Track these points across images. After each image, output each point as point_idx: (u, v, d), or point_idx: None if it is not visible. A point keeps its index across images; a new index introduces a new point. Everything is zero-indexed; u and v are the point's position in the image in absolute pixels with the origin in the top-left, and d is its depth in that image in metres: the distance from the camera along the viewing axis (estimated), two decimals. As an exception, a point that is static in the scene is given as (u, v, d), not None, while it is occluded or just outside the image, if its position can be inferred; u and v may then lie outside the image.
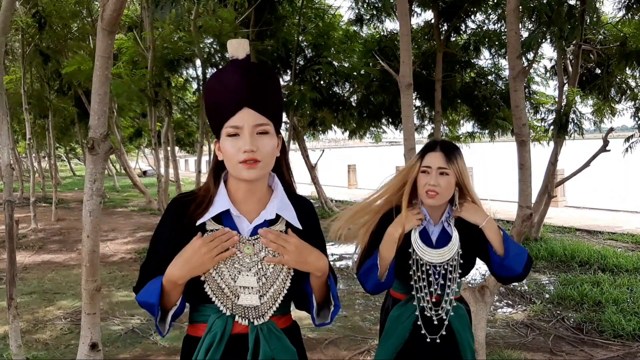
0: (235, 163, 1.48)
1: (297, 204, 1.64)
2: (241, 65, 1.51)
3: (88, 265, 3.17)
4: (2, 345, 4.88)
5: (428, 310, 2.19)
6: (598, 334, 4.96)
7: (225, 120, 1.49)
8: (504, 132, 10.39)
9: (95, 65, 2.97)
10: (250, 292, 1.51)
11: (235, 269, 1.51)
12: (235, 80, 1.48)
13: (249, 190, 1.56)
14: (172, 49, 9.30)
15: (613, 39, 8.10)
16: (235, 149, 1.47)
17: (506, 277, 2.22)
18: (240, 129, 1.47)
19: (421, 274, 2.18)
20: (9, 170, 4.28)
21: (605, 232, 9.96)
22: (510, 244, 2.17)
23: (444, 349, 2.20)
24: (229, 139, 1.49)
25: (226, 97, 1.49)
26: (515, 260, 2.16)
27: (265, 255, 1.53)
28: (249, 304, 1.52)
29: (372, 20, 10.76)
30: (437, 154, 2.14)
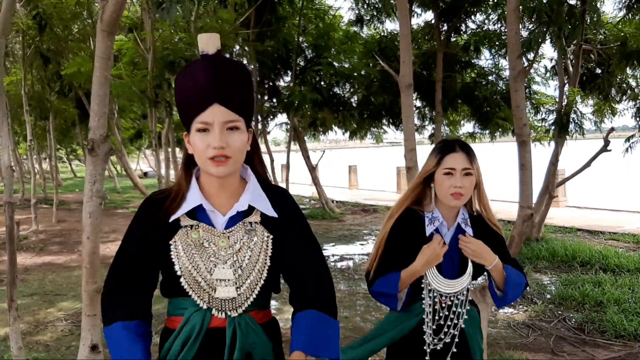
0: (204, 159, 1.48)
1: (272, 194, 1.64)
2: (211, 60, 1.50)
3: (88, 267, 3.17)
4: (3, 347, 4.88)
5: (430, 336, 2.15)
6: (599, 334, 4.95)
7: (195, 115, 1.48)
8: (505, 132, 10.40)
9: (95, 66, 2.97)
10: (227, 284, 1.52)
11: (211, 262, 1.53)
12: (205, 75, 1.47)
13: (221, 184, 1.56)
14: (172, 50, 9.29)
15: (613, 39, 8.10)
16: (204, 145, 1.47)
17: (497, 304, 2.26)
18: (210, 125, 1.46)
19: (429, 299, 2.14)
20: (10, 171, 4.28)
21: (607, 232, 9.94)
22: (509, 288, 2.14)
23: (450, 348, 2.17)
24: (199, 134, 1.48)
25: (196, 93, 1.47)
26: (511, 298, 2.19)
27: (240, 247, 1.54)
28: (226, 296, 1.52)
29: (372, 20, 10.78)
30: (459, 154, 2.09)
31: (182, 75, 1.54)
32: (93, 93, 2.98)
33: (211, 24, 8.88)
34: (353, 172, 22.25)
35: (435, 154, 2.14)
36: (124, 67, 9.60)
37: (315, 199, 16.94)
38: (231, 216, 1.57)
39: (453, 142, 2.15)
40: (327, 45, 11.16)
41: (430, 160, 2.16)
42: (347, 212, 14.63)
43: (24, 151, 23.58)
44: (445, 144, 2.15)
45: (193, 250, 1.53)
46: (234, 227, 1.56)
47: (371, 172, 30.17)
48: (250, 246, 1.54)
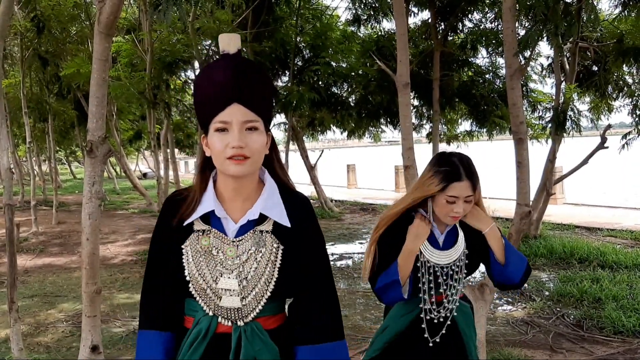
0: (223, 159, 1.46)
1: (291, 200, 1.60)
2: (232, 60, 1.49)
3: (88, 268, 3.19)
4: (4, 348, 4.89)
5: (431, 310, 2.20)
6: (598, 331, 4.97)
7: (214, 115, 1.46)
8: (502, 130, 10.42)
9: (93, 68, 2.99)
10: (232, 294, 1.50)
11: (217, 271, 1.51)
12: (225, 75, 1.45)
13: (237, 187, 1.54)
14: (170, 51, 9.31)
15: (610, 36, 8.12)
16: (223, 145, 1.45)
17: (504, 284, 2.25)
18: (229, 124, 1.44)
19: (428, 275, 2.18)
20: (9, 174, 4.30)
21: (605, 228, 9.97)
22: (511, 253, 2.18)
23: (445, 346, 2.22)
24: (217, 134, 1.46)
25: (216, 92, 1.46)
26: (515, 268, 2.18)
27: (247, 258, 1.51)
28: (231, 305, 1.51)
29: (369, 20, 10.79)
30: (464, 183, 2.09)
31: (202, 75, 1.52)
32: (91, 95, 2.99)
33: (209, 25, 8.90)
34: (352, 171, 22.27)
35: (439, 178, 2.11)
36: (122, 68, 9.61)
37: (314, 198, 16.94)
38: (243, 224, 1.54)
39: (458, 167, 2.10)
40: (325, 45, 11.18)
41: (433, 181, 2.12)
42: (346, 211, 14.65)
43: (23, 153, 23.60)
44: (452, 170, 2.10)
45: (201, 257, 1.52)
46: (244, 235, 1.53)
47: (370, 171, 30.17)
48: (257, 258, 1.51)
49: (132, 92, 9.26)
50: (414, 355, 2.22)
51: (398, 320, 2.25)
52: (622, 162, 23.61)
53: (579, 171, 8.47)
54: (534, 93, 9.78)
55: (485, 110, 10.15)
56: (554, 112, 8.21)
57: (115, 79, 9.16)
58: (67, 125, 17.20)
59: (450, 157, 2.15)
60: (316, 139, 18.03)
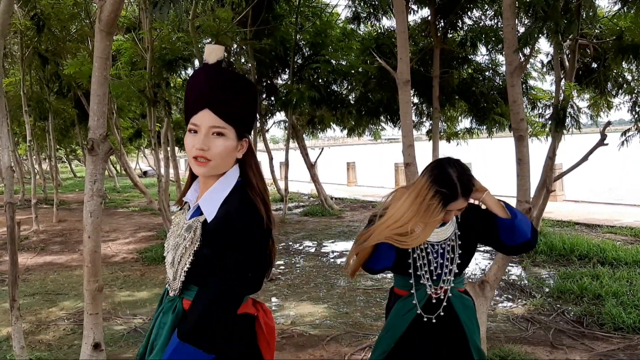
0: (190, 157, 1.65)
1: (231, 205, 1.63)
2: (209, 69, 1.66)
3: (90, 266, 3.20)
4: (6, 346, 4.91)
5: (428, 287, 2.25)
6: (598, 327, 4.98)
7: (189, 117, 1.65)
8: (502, 127, 10.42)
9: (94, 66, 2.99)
10: (170, 267, 1.73)
11: (170, 245, 1.77)
12: (201, 82, 1.64)
13: (204, 182, 1.73)
14: (170, 50, 9.31)
15: (609, 33, 8.11)
16: (190, 145, 1.63)
17: (517, 244, 2.26)
18: (199, 127, 1.63)
19: (420, 252, 2.26)
20: (10, 172, 4.31)
21: (604, 225, 9.99)
22: (513, 208, 2.27)
23: (445, 332, 2.26)
24: (189, 134, 1.65)
25: (193, 97, 1.65)
26: (523, 221, 2.25)
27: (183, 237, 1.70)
28: (169, 276, 1.74)
29: (369, 18, 10.77)
30: (460, 201, 2.15)
31: (189, 80, 1.72)
32: (92, 93, 3.00)
33: (208, 23, 8.90)
34: (351, 168, 22.28)
35: (438, 198, 2.13)
36: (122, 67, 9.61)
37: (314, 196, 16.96)
38: (195, 210, 1.73)
39: (457, 186, 2.13)
40: (325, 43, 11.18)
41: (433, 202, 2.13)
42: (346, 208, 14.66)
43: (23, 152, 23.59)
44: (451, 193, 2.13)
45: (170, 232, 1.80)
46: (191, 219, 1.71)
47: (369, 168, 30.17)
48: (185, 238, 1.68)
49: (133, 91, 9.26)
50: (419, 355, 2.25)
51: (401, 319, 2.27)
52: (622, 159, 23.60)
53: (579, 168, 8.45)
54: (533, 90, 9.77)
55: (485, 107, 10.14)
56: (553, 109, 8.20)
57: (116, 78, 9.16)
58: (67, 124, 17.19)
59: (448, 174, 2.14)
60: (316, 136, 18.05)
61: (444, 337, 2.26)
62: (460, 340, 2.28)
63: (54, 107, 13.88)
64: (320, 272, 7.62)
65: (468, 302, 2.34)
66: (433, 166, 2.22)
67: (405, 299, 2.29)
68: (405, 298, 2.29)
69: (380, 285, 6.74)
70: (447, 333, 2.26)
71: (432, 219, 2.15)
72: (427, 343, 2.26)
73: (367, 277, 7.19)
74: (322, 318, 5.50)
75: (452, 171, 2.15)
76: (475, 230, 2.31)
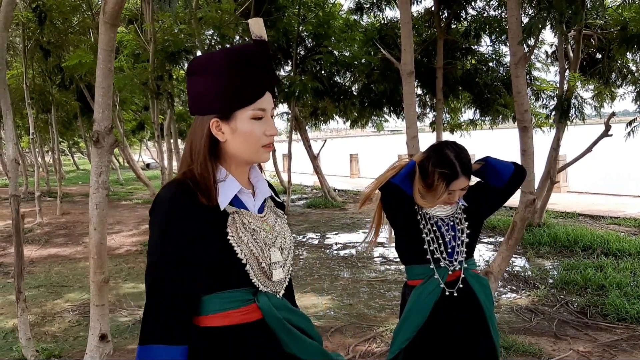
0: (257, 147, 1.46)
1: None
2: (266, 47, 1.48)
3: (96, 258, 3.21)
4: (12, 338, 4.93)
5: (444, 263, 2.30)
6: (602, 318, 4.98)
7: (251, 101, 1.44)
8: (505, 118, 10.41)
9: (99, 58, 2.99)
10: (278, 266, 1.51)
11: (266, 246, 1.49)
12: (262, 61, 1.45)
13: (244, 172, 1.55)
14: (173, 41, 9.30)
15: (614, 24, 8.08)
16: (260, 132, 1.45)
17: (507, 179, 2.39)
18: (265, 112, 1.46)
19: (431, 227, 2.33)
20: (14, 164, 4.32)
21: (608, 216, 9.97)
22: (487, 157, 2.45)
23: (465, 308, 2.31)
24: (254, 122, 1.45)
25: (253, 78, 1.44)
26: (497, 160, 2.44)
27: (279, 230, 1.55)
28: (279, 278, 1.51)
29: (372, 8, 10.74)
30: (461, 179, 2.27)
31: (237, 59, 1.44)
32: (97, 85, 3.00)
33: (211, 15, 8.88)
34: (354, 160, 22.27)
35: (442, 179, 2.26)
36: (125, 59, 9.61)
37: (317, 188, 16.98)
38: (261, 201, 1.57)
39: (455, 165, 2.26)
40: (327, 34, 11.14)
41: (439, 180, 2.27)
42: (349, 200, 14.67)
43: (26, 145, 23.63)
44: (451, 172, 2.26)
45: (248, 237, 1.46)
46: (265, 211, 1.56)
47: (373, 160, 30.14)
48: (286, 228, 1.58)
49: (135, 83, 9.26)
50: (446, 333, 2.30)
51: (424, 302, 2.31)
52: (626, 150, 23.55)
53: (583, 159, 8.46)
54: (537, 81, 9.76)
55: (489, 98, 10.13)
56: (557, 100, 8.19)
57: (119, 70, 9.15)
58: (70, 116, 17.20)
59: (447, 155, 2.28)
60: (319, 128, 18.03)
61: (464, 312, 2.31)
62: (479, 316, 2.33)
63: (57, 99, 13.88)
64: (324, 264, 7.63)
65: (484, 281, 2.41)
66: (430, 150, 2.37)
67: (425, 283, 2.33)
68: (425, 282, 2.33)
69: (384, 277, 6.75)
70: (466, 308, 2.31)
71: (437, 198, 2.29)
72: (451, 321, 2.29)
73: (371, 269, 7.20)
74: (326, 309, 5.51)
75: (449, 152, 2.28)
76: (476, 200, 2.42)
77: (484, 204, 2.45)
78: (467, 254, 2.36)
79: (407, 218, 2.36)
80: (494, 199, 2.45)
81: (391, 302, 5.68)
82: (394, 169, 2.41)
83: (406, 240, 2.40)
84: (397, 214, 2.39)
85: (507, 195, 2.44)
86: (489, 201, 2.45)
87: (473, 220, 2.39)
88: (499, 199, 2.45)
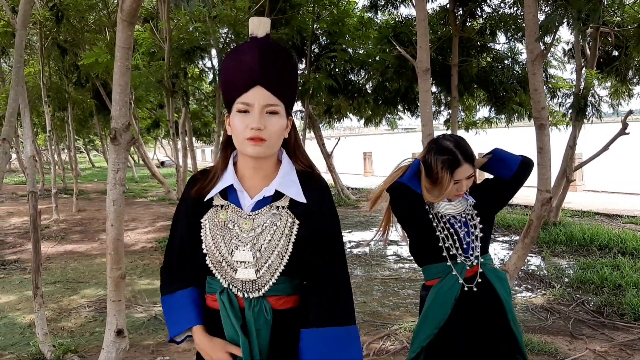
0: (242, 139, 1.51)
1: (307, 181, 1.63)
2: (259, 43, 1.53)
3: (112, 254, 3.23)
4: (29, 333, 4.99)
5: (461, 259, 2.31)
6: (619, 317, 4.94)
7: (238, 96, 1.52)
8: (521, 117, 10.31)
9: (116, 56, 3.01)
10: (247, 266, 1.54)
11: (232, 244, 1.56)
12: (251, 57, 1.50)
13: (255, 166, 1.59)
14: (188, 40, 9.34)
15: (631, 21, 7.99)
16: (243, 126, 1.50)
17: (515, 170, 2.41)
18: (251, 107, 1.50)
19: (444, 224, 2.34)
20: (32, 161, 4.37)
21: (625, 215, 9.88)
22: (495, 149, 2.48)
23: (485, 302, 2.32)
24: (239, 115, 1.52)
25: (241, 74, 1.51)
26: (504, 151, 2.47)
27: (262, 230, 1.55)
28: (246, 277, 1.54)
29: (386, 6, 10.70)
30: (465, 166, 2.29)
31: (229, 56, 1.57)
32: (114, 83, 3.02)
33: (226, 13, 8.89)
34: (368, 158, 22.23)
35: (445, 167, 2.29)
36: (140, 57, 9.66)
37: (330, 186, 16.96)
38: (259, 200, 1.59)
39: (455, 153, 2.30)
40: (342, 32, 11.11)
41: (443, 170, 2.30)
42: (362, 198, 14.65)
43: (42, 142, 23.85)
44: (450, 158, 2.29)
45: (218, 231, 1.57)
46: (260, 210, 1.58)
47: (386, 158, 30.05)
48: (272, 230, 1.54)
49: (151, 81, 9.31)
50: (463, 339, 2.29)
51: (443, 298, 2.30)
52: (642, 149, 23.31)
53: (599, 158, 8.37)
54: (553, 79, 9.67)
55: (504, 96, 10.05)
56: (574, 98, 8.12)
57: (134, 68, 9.20)
58: (85, 114, 17.34)
59: (446, 145, 2.33)
60: (333, 126, 18.01)
61: (484, 307, 2.31)
62: (499, 310, 2.33)
63: (73, 97, 13.99)
64: (337, 262, 7.62)
65: (502, 275, 2.41)
66: (429, 143, 2.43)
67: (443, 279, 2.32)
68: (442, 279, 2.32)
69: (397, 275, 6.74)
70: (486, 303, 2.31)
71: (445, 190, 2.30)
72: (471, 317, 2.29)
73: (385, 267, 7.19)
74: (340, 307, 5.51)
75: (448, 142, 2.34)
76: (484, 196, 2.44)
77: (493, 198, 2.45)
78: (482, 250, 2.36)
79: (419, 218, 2.36)
80: (503, 192, 2.46)
81: (405, 300, 5.67)
82: (400, 169, 2.44)
83: (420, 240, 2.40)
84: (408, 214, 2.39)
85: (516, 187, 2.45)
86: (498, 194, 2.46)
87: (484, 216, 2.40)
88: (507, 191, 2.45)
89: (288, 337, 1.57)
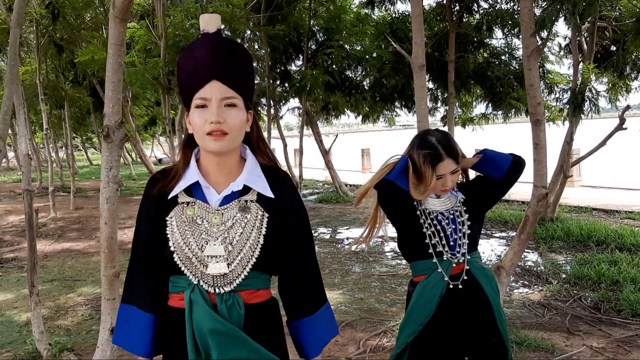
0: (202, 134, 1.51)
1: (272, 176, 1.66)
2: (211, 38, 1.54)
3: (107, 252, 3.22)
4: (26, 331, 4.98)
5: (445, 253, 2.30)
6: (616, 313, 4.94)
7: (194, 92, 1.52)
8: (518, 112, 10.30)
9: (109, 53, 2.99)
10: (218, 260, 1.54)
11: (202, 239, 1.55)
12: (204, 52, 1.52)
13: (219, 163, 1.59)
14: (184, 36, 9.29)
15: (628, 15, 7.97)
16: (202, 121, 1.50)
17: (506, 170, 2.39)
18: (209, 101, 1.51)
19: (431, 221, 2.33)
20: (27, 159, 4.35)
21: (622, 211, 9.88)
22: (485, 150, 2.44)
23: (471, 300, 2.30)
24: (197, 110, 1.52)
25: (196, 70, 1.52)
26: (495, 152, 2.43)
27: (232, 224, 1.56)
28: (217, 272, 1.54)
29: (383, 2, 10.67)
30: (447, 161, 2.28)
31: (183, 54, 1.58)
32: (107, 80, 3.00)
33: (222, 9, 8.86)
34: (366, 155, 22.23)
35: (427, 162, 2.28)
36: (136, 54, 9.62)
37: (328, 182, 16.97)
38: (227, 195, 1.60)
39: (437, 148, 2.29)
40: (338, 28, 11.09)
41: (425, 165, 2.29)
42: (360, 195, 14.61)
43: (40, 140, 23.82)
44: (431, 153, 2.29)
45: (186, 227, 1.56)
46: (229, 204, 1.58)
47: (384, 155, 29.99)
48: (243, 223, 1.56)
49: (147, 78, 9.26)
50: (453, 326, 2.29)
51: (429, 294, 2.30)
52: None
53: (597, 153, 8.37)
54: (550, 74, 9.64)
55: (501, 92, 10.02)
56: (571, 93, 8.10)
57: (130, 65, 9.17)
58: (83, 112, 17.32)
59: (429, 139, 2.33)
60: (330, 123, 17.99)
61: (470, 304, 2.29)
62: (486, 307, 2.32)
63: (70, 95, 13.97)
64: (335, 259, 7.63)
65: (488, 272, 2.40)
66: (414, 138, 2.43)
67: (429, 277, 2.32)
68: (429, 275, 2.32)
69: (395, 272, 6.74)
70: (472, 301, 2.30)
71: (429, 185, 2.28)
72: (457, 314, 2.28)
73: (382, 264, 7.19)
74: (337, 304, 5.51)
75: (431, 137, 2.33)
76: (474, 193, 2.43)
77: (484, 195, 2.44)
78: (471, 247, 2.35)
79: (407, 215, 2.36)
80: (494, 191, 2.44)
81: (402, 297, 5.67)
82: (388, 166, 2.44)
83: (408, 237, 2.40)
84: (396, 211, 2.40)
85: (507, 187, 2.44)
86: (489, 193, 2.45)
87: (473, 213, 2.38)
88: (498, 190, 2.44)
89: (260, 331, 1.58)
